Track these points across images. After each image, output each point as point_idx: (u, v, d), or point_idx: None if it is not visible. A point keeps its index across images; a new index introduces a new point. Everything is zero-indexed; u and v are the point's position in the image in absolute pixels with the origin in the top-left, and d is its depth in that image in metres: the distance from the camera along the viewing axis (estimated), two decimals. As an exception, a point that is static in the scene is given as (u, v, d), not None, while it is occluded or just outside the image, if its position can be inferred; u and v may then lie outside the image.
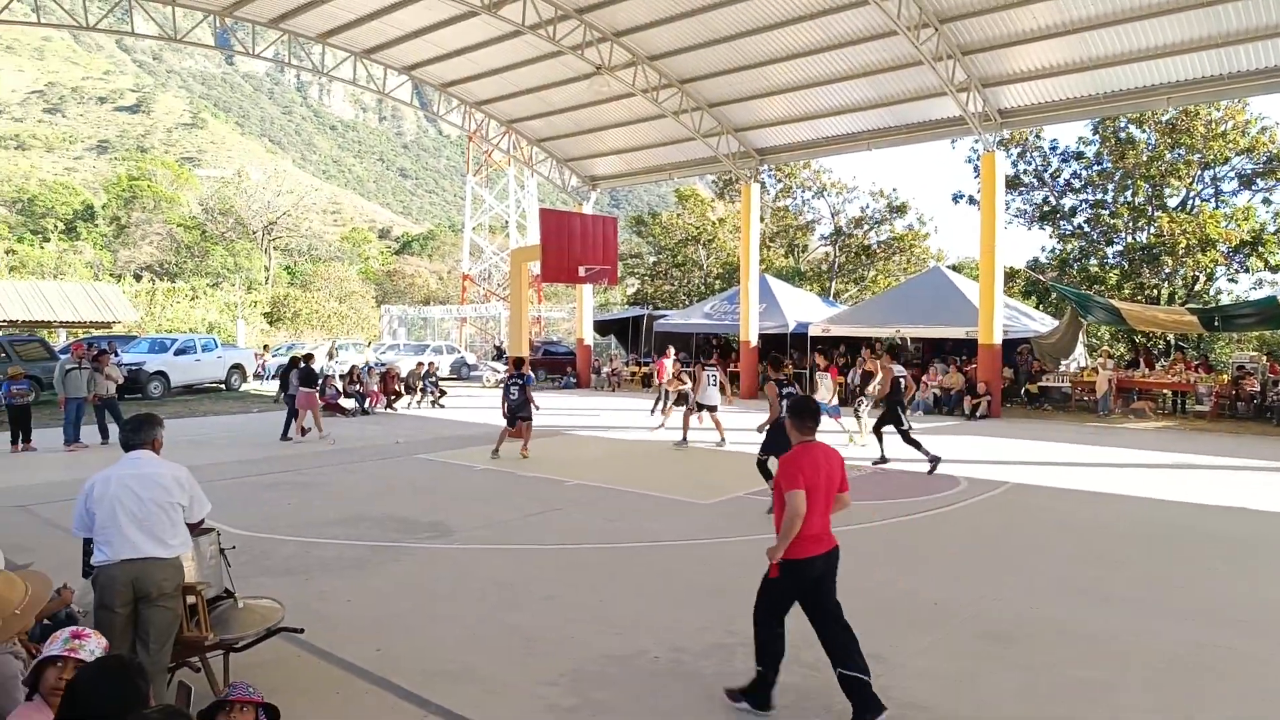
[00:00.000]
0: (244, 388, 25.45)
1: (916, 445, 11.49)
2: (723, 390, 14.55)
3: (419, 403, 21.60)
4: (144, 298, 40.41)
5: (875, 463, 12.04)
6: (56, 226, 58.98)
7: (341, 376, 20.61)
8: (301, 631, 4.87)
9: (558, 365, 29.95)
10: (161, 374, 22.91)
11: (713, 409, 14.22)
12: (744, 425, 14.78)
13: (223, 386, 25.02)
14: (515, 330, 16.11)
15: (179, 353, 23.91)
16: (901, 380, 11.79)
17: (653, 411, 18.05)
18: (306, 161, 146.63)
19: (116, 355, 16.72)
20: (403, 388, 21.70)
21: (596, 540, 8.05)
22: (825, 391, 15.55)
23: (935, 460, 11.40)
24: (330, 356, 27.24)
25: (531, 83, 23.60)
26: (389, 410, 20.52)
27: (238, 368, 25.68)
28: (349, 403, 19.60)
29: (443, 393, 22.20)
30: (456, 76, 24.07)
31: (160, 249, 56.91)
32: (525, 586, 6.53)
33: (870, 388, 13.43)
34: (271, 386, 26.85)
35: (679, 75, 22.09)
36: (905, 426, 11.64)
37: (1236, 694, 4.66)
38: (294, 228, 63.56)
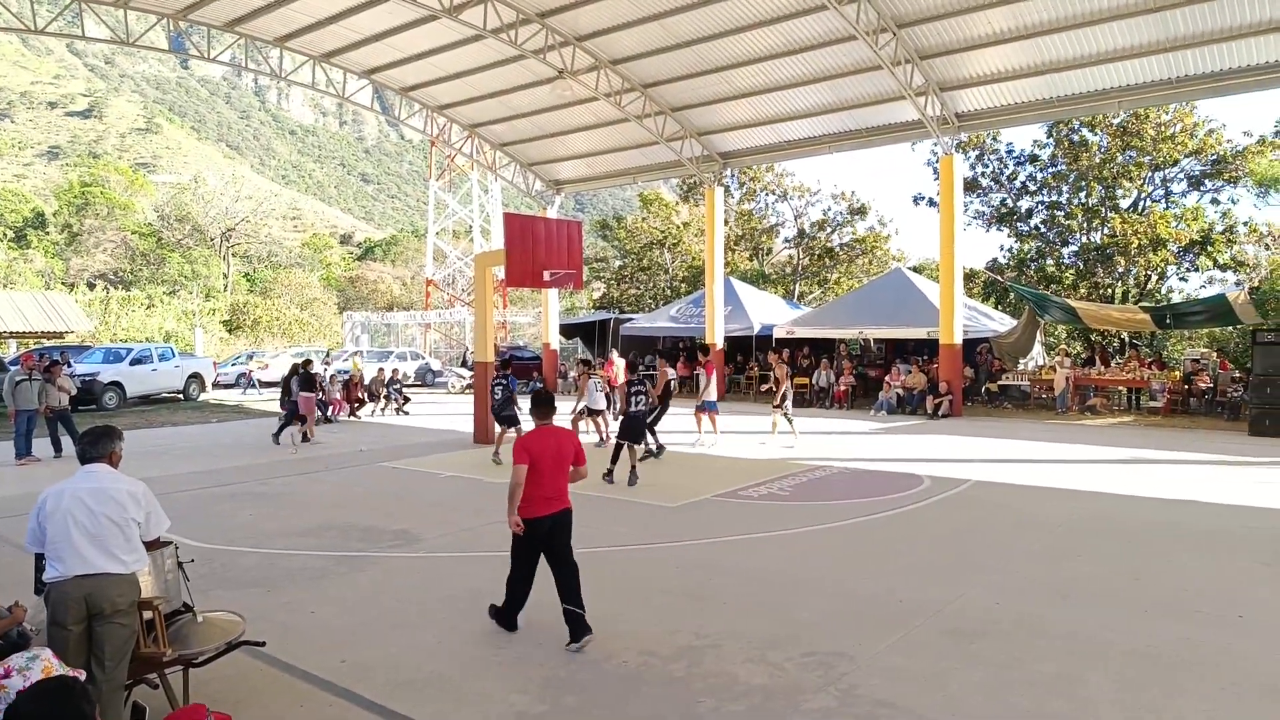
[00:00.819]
0: (202, 397, 24.96)
1: (653, 434, 13.06)
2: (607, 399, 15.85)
3: (383, 410, 21.36)
4: (98, 306, 39.48)
5: (644, 456, 12.54)
6: (6, 234, 57.38)
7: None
8: (263, 645, 4.78)
9: (524, 370, 29.79)
10: (117, 384, 22.38)
11: (599, 413, 15.12)
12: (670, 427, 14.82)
13: (181, 396, 24.52)
14: (480, 335, 16.00)
15: (135, 362, 23.37)
16: (671, 383, 13.88)
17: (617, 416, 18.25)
18: (265, 166, 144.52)
19: (69, 366, 16.31)
20: (366, 395, 21.44)
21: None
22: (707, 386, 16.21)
23: (659, 451, 13.07)
24: (325, 365, 26.75)
25: (494, 87, 23.48)
26: (353, 418, 20.26)
27: (196, 377, 25.17)
28: (311, 411, 19.30)
29: (407, 399, 21.96)
30: (418, 80, 23.87)
31: (115, 256, 55.68)
32: (492, 593, 6.46)
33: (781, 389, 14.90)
34: (245, 397, 26.35)
35: (642, 79, 22.14)
36: (655, 420, 13.29)
37: (1202, 686, 4.76)
38: (253, 234, 62.54)
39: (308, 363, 16.37)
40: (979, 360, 22.05)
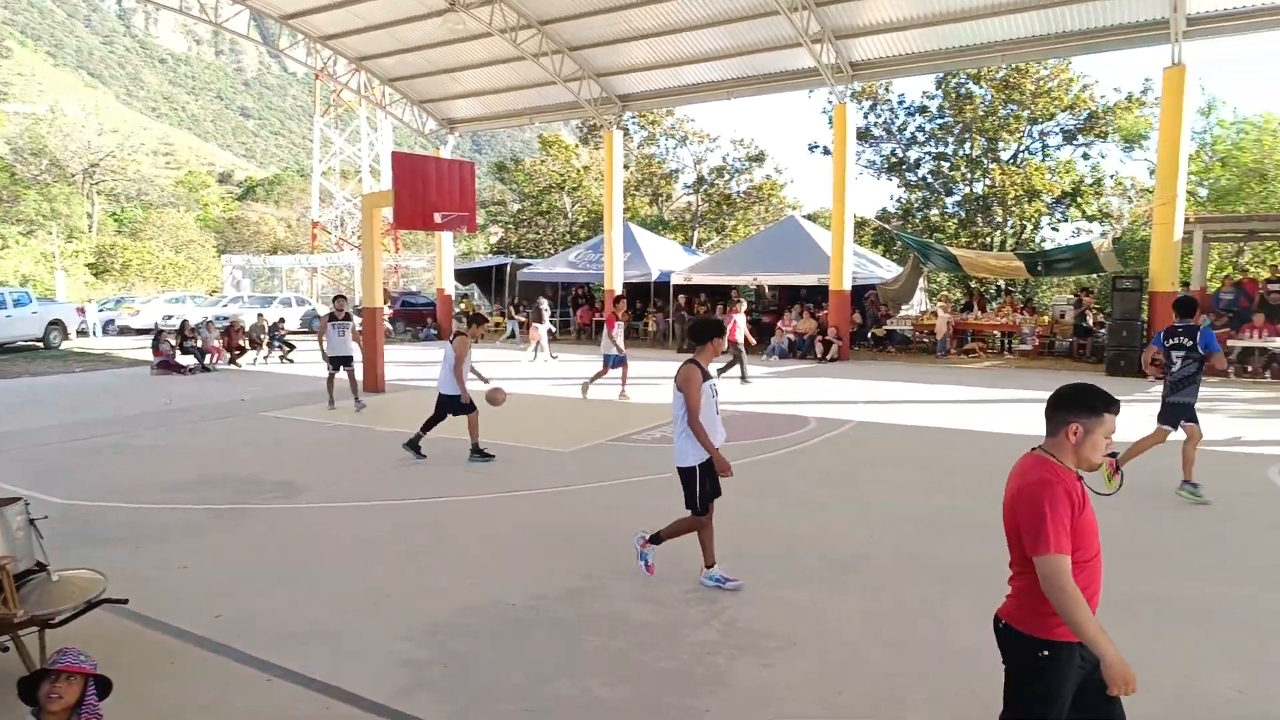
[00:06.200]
0: (65, 345, 23.32)
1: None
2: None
3: (265, 358, 20.48)
4: (-58, 247, 36.16)
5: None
6: None
7: (174, 332, 19.19)
8: (126, 602, 4.54)
9: (417, 317, 29.06)
10: (-34, 332, 20.66)
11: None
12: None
13: (40, 345, 22.84)
14: (368, 280, 15.44)
15: (-14, 308, 21.58)
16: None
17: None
18: (133, 97, 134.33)
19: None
20: (248, 342, 20.49)
21: (453, 493, 7.93)
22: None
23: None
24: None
25: (382, 18, 22.32)
26: (233, 366, 19.36)
27: (57, 324, 23.46)
28: (186, 360, 18.33)
29: (291, 347, 21.08)
30: (299, 8, 22.45)
31: (-40, 193, 50.83)
32: (378, 543, 6.36)
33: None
34: (113, 345, 24.74)
35: (538, 16, 21.47)
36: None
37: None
38: (120, 170, 58.13)
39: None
40: (866, 306, 22.80)
